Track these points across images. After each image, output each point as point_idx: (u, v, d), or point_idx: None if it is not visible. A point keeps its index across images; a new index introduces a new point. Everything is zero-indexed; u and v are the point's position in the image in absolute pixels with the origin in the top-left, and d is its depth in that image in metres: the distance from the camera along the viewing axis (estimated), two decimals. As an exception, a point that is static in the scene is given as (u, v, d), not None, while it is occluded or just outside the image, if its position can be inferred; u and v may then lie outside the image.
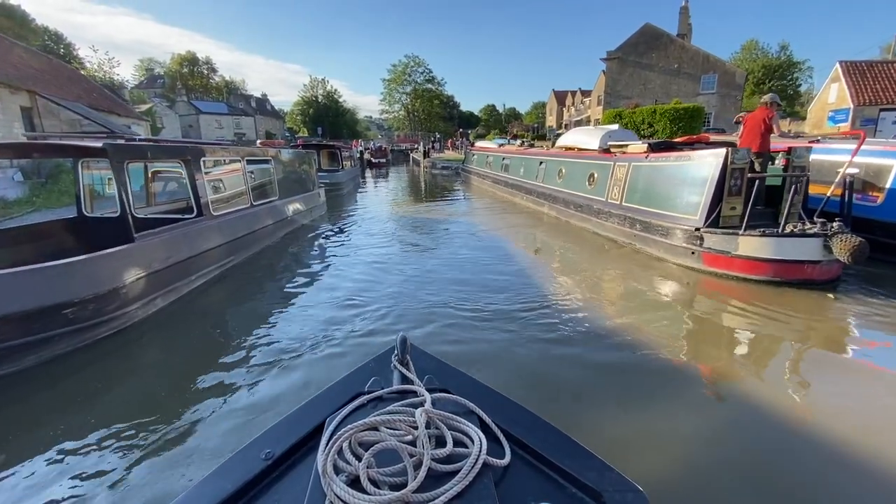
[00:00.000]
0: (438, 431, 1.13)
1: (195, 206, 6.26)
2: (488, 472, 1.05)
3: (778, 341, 4.34)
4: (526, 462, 1.15)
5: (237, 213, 7.14)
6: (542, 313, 4.84)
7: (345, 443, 1.06)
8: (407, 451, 1.02)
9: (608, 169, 8.06)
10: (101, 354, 4.07)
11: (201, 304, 5.45)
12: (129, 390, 3.63)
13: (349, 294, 5.62)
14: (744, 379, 3.62)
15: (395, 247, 8.25)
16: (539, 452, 1.15)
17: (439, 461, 1.03)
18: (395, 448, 1.03)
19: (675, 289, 5.72)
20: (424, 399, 1.22)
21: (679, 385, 3.54)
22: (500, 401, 1.38)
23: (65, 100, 16.94)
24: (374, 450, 1.02)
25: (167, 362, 4.13)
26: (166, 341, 4.51)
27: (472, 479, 1.00)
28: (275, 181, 8.88)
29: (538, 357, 3.93)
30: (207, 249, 6.10)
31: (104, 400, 3.45)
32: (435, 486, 0.96)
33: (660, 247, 6.61)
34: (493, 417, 1.23)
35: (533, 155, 12.79)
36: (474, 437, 1.11)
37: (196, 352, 4.34)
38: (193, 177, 6.21)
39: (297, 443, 1.19)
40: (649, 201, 6.90)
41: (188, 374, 3.81)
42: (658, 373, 3.68)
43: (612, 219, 7.75)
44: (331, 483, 0.96)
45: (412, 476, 0.96)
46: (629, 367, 3.80)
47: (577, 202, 9.02)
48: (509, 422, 1.24)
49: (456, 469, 1.02)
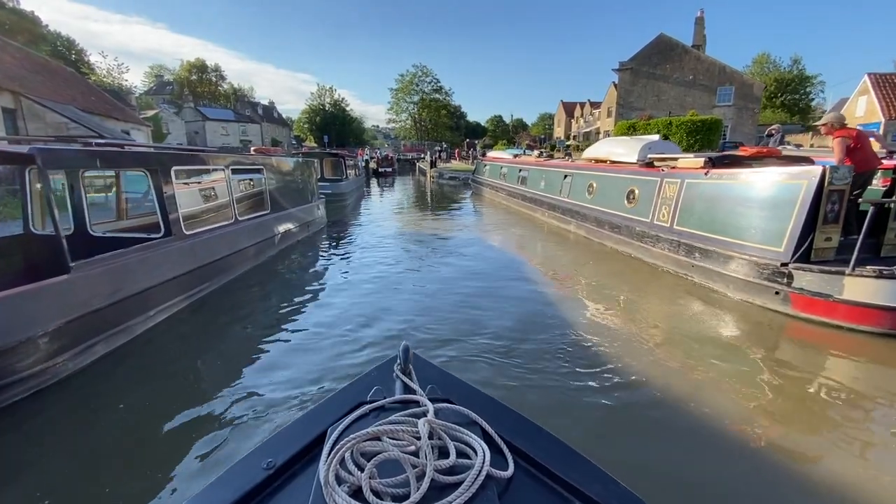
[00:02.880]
0: (441, 442, 1.09)
1: (162, 224, 5.19)
2: (492, 483, 1.01)
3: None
4: (530, 474, 1.11)
5: (217, 230, 6.05)
6: (579, 356, 4.00)
7: (347, 453, 1.02)
8: (409, 461, 0.98)
9: (653, 185, 6.89)
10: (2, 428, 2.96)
11: (158, 347, 4.32)
12: (33, 481, 2.52)
13: (342, 332, 4.62)
14: (857, 477, 2.47)
15: (400, 269, 7.09)
16: (543, 464, 1.11)
17: (442, 472, 1.00)
18: (397, 458, 0.99)
19: (751, 336, 4.51)
20: (427, 409, 1.17)
21: (763, 467, 2.53)
22: (503, 411, 1.33)
23: (54, 102, 16.05)
24: (376, 460, 0.99)
25: (93, 439, 2.98)
26: (101, 403, 3.37)
27: (476, 491, 0.96)
28: (266, 192, 7.80)
29: (575, 423, 3.12)
30: (174, 276, 5.01)
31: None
32: (438, 498, 0.93)
33: (727, 282, 5.42)
34: (496, 428, 1.19)
35: (556, 167, 11.57)
36: (477, 448, 1.07)
37: (142, 416, 3.23)
38: (161, 189, 5.14)
39: (298, 452, 1.15)
40: (711, 226, 5.71)
41: (122, 455, 2.76)
42: (734, 452, 2.80)
43: (659, 244, 6.57)
44: (333, 493, 0.93)
45: (415, 487, 0.93)
46: (691, 434, 2.98)
47: (613, 222, 7.84)
48: (513, 433, 1.20)
49: (459, 480, 0.98)
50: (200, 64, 67.20)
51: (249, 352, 4.28)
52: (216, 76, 69.03)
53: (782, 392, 3.52)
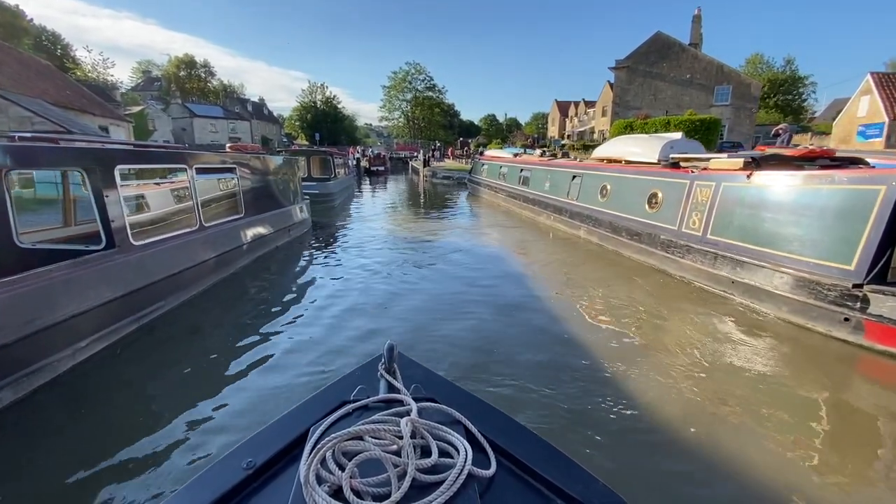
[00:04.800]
0: (424, 441, 1.08)
1: (104, 233, 4.28)
2: (473, 482, 0.99)
3: None
4: (511, 473, 1.11)
5: (176, 239, 5.13)
6: (595, 390, 3.34)
7: (328, 452, 1.00)
8: (391, 461, 0.96)
9: (681, 189, 6.07)
10: None
11: (78, 393, 3.38)
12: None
13: (317, 366, 3.81)
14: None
15: (389, 282, 6.16)
16: (525, 463, 1.10)
17: (424, 471, 0.98)
18: (379, 458, 0.97)
19: (809, 372, 3.70)
20: (410, 408, 1.16)
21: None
22: (486, 410, 1.31)
23: (21, 95, 14.90)
24: (357, 459, 0.97)
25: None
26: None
27: (457, 490, 0.95)
28: (240, 194, 6.87)
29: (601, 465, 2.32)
30: (115, 297, 4.09)
31: None
32: (419, 497, 0.91)
33: (778, 303, 4.61)
34: (479, 427, 1.18)
35: (562, 167, 10.69)
36: (460, 448, 1.06)
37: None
38: (101, 192, 4.24)
39: (279, 452, 1.12)
40: (756, 236, 4.89)
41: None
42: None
43: (690, 255, 5.75)
44: (313, 493, 0.90)
45: (396, 486, 0.92)
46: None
47: (632, 228, 7.01)
48: (496, 432, 1.19)
49: (440, 480, 0.96)
50: (189, 59, 65.64)
51: (202, 385, 3.43)
52: (205, 72, 67.50)
53: (853, 448, 2.74)
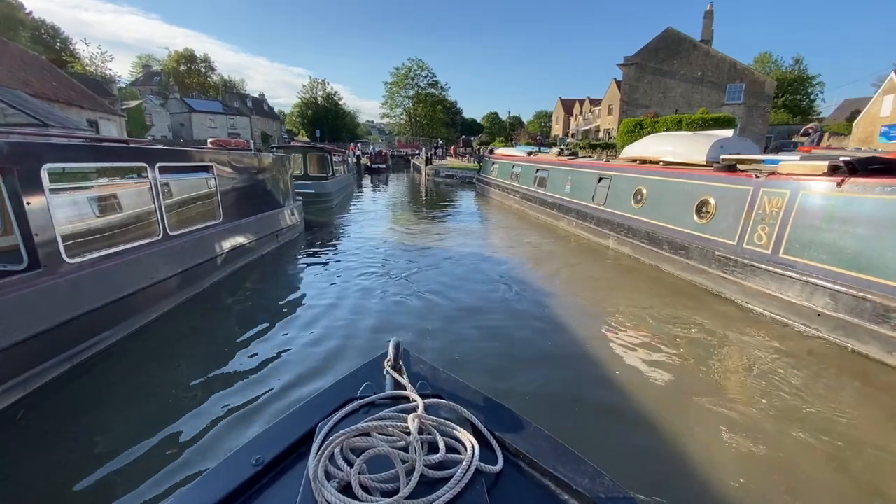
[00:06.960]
0: (431, 437, 1.09)
1: (24, 250, 3.32)
2: (481, 478, 1.01)
3: None
4: (519, 469, 1.11)
5: (129, 253, 4.16)
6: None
7: (336, 448, 1.01)
8: (399, 457, 0.98)
9: (742, 196, 5.05)
10: None
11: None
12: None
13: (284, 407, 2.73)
14: None
15: (388, 302, 5.15)
16: (532, 459, 1.11)
17: (431, 467, 1.00)
18: (387, 454, 0.99)
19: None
20: (417, 405, 1.18)
21: None
22: (494, 407, 1.31)
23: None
24: (365, 456, 0.98)
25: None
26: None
27: (465, 486, 0.96)
28: (218, 197, 5.87)
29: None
30: (28, 337, 3.12)
31: None
32: (427, 493, 0.93)
33: (893, 347, 3.61)
34: (486, 423, 1.20)
35: (586, 167, 9.59)
36: (467, 444, 1.07)
37: None
38: (20, 197, 3.24)
39: (287, 448, 1.13)
40: (856, 261, 3.88)
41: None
42: None
43: (756, 277, 4.74)
44: (322, 489, 0.91)
45: (404, 482, 0.93)
46: None
47: (675, 240, 6.01)
48: (502, 428, 1.20)
49: (448, 475, 0.98)
50: (189, 54, 64.76)
51: (140, 452, 2.47)
52: (205, 67, 66.48)
53: None
